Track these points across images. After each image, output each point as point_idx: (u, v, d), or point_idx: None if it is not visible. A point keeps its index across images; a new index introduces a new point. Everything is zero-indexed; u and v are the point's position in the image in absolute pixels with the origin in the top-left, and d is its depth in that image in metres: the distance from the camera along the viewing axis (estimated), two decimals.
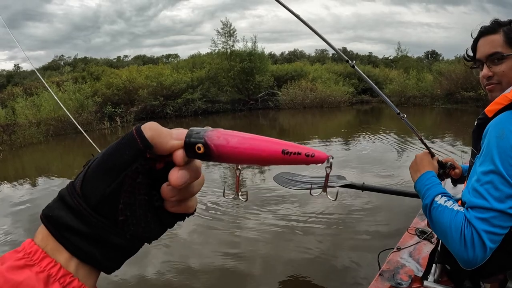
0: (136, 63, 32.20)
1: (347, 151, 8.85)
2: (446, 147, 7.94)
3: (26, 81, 26.67)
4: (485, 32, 1.07)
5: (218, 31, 22.13)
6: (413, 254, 2.02)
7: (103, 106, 18.52)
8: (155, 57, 44.42)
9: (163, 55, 46.46)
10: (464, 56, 1.20)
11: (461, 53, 1.25)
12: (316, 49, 47.22)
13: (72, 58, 39.73)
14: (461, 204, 0.98)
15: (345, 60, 1.47)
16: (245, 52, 21.85)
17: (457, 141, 8.72)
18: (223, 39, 22.09)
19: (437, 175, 1.17)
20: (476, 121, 1.05)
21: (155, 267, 3.32)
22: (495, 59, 1.03)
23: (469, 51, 1.16)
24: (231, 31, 22.11)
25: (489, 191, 0.86)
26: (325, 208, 4.47)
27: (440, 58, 35.98)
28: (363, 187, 1.64)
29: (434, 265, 1.37)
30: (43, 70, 34.94)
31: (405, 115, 1.52)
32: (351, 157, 7.82)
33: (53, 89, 17.56)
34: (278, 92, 22.05)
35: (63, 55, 42.54)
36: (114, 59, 43.91)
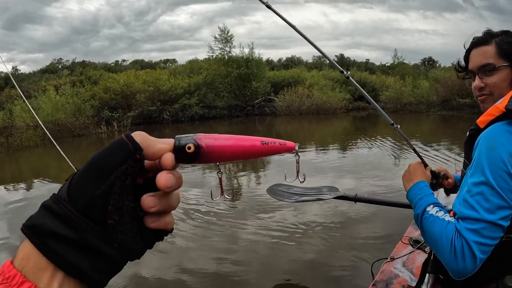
0: (134, 68, 32.18)
1: (343, 158, 8.89)
2: (442, 154, 7.99)
3: (24, 83, 26.58)
4: (477, 43, 1.07)
5: (216, 37, 22.33)
6: (406, 264, 2.03)
7: (100, 110, 18.51)
8: (153, 61, 44.50)
9: (161, 60, 46.56)
10: (456, 67, 1.21)
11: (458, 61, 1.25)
12: (314, 56, 47.52)
13: (71, 61, 39.71)
14: (453, 215, 0.98)
15: (340, 71, 1.49)
16: (242, 58, 21.99)
17: (452, 148, 8.78)
18: (220, 45, 22.30)
19: (430, 185, 1.18)
20: (468, 132, 1.05)
21: (150, 272, 3.31)
22: (486, 70, 1.04)
23: (461, 62, 1.17)
24: (229, 37, 22.30)
25: (479, 202, 0.87)
26: (319, 216, 4.48)
27: (437, 65, 36.28)
28: (356, 199, 1.65)
29: (428, 274, 1.37)
30: (41, 73, 34.86)
31: (398, 126, 1.53)
32: (347, 164, 7.85)
33: (51, 92, 17.54)
34: (275, 98, 22.15)
35: (61, 58, 42.36)
36: (112, 63, 44.02)
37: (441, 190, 1.49)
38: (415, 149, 1.50)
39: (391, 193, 5.10)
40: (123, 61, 47.71)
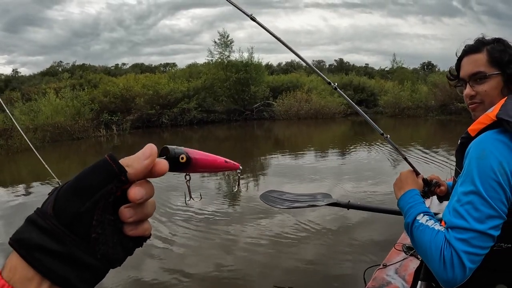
0: (134, 71, 32.22)
1: (341, 162, 8.90)
2: (440, 158, 8.02)
3: (24, 86, 26.60)
4: (468, 51, 1.07)
5: (215, 42, 22.42)
6: (399, 271, 2.04)
7: (99, 114, 18.52)
8: (152, 65, 44.59)
9: (160, 63, 46.67)
10: (447, 75, 1.22)
11: None
12: (313, 60, 47.72)
13: (71, 64, 39.78)
14: (444, 224, 0.99)
15: (328, 82, 1.48)
16: (242, 63, 22.06)
17: (451, 153, 8.82)
18: (219, 49, 22.37)
19: (422, 192, 1.18)
20: (460, 140, 1.05)
21: (149, 276, 3.33)
22: (477, 78, 1.03)
23: (453, 70, 1.17)
24: (228, 42, 22.40)
25: (469, 212, 0.86)
26: (314, 222, 4.49)
27: (436, 69, 36.39)
28: (349, 206, 1.66)
29: (420, 282, 1.37)
30: (41, 75, 34.89)
31: (388, 135, 1.53)
32: (345, 169, 7.88)
33: (51, 95, 17.57)
34: (273, 102, 22.19)
35: (61, 61, 42.63)
36: (112, 66, 44.05)
37: (434, 198, 1.50)
38: (406, 158, 1.51)
39: (388, 199, 5.12)
40: (123, 64, 47.82)
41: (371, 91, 26.46)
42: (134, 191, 0.34)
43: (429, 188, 1.32)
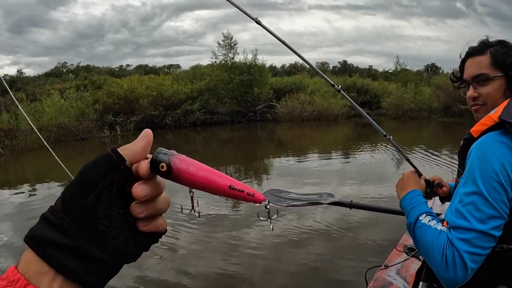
0: (138, 73, 32.34)
1: (344, 164, 8.91)
2: (442, 160, 8.00)
3: (29, 86, 26.77)
4: (472, 53, 1.07)
5: (219, 43, 22.51)
6: (400, 272, 2.05)
7: (103, 115, 18.63)
8: (157, 67, 44.67)
9: (164, 65, 46.78)
10: (451, 77, 1.23)
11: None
12: (317, 62, 47.70)
13: (75, 65, 40.01)
14: (446, 224, 0.99)
15: (331, 84, 1.50)
16: (245, 65, 22.11)
17: (453, 154, 8.80)
18: (223, 51, 22.46)
19: (424, 193, 1.19)
20: (462, 141, 1.06)
21: (153, 275, 3.36)
22: (480, 80, 1.03)
23: (456, 71, 1.18)
24: (232, 44, 22.48)
25: (471, 212, 0.87)
26: (316, 223, 4.51)
27: (440, 71, 36.20)
28: (351, 205, 1.66)
29: (421, 283, 1.38)
30: (45, 76, 35.13)
31: (391, 136, 1.55)
32: (348, 171, 7.88)
33: (55, 96, 17.72)
34: (276, 104, 22.21)
35: (66, 62, 42.79)
36: (117, 68, 44.20)
37: (436, 199, 1.50)
38: (408, 159, 1.52)
39: (391, 200, 5.12)
40: (127, 65, 48.00)
41: (374, 93, 26.38)
42: (137, 189, 0.35)
43: (431, 189, 1.33)
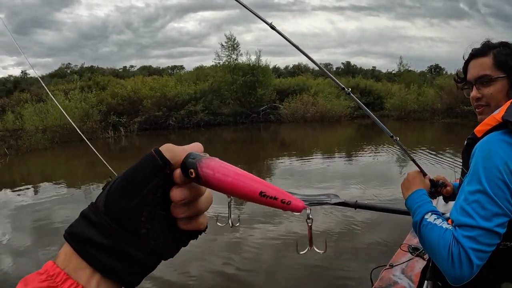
0: (142, 74, 32.45)
1: (348, 165, 8.91)
2: (446, 161, 7.99)
3: (33, 87, 26.92)
4: (475, 54, 1.09)
5: (222, 45, 22.59)
6: (405, 271, 2.08)
7: (107, 116, 18.72)
8: (160, 68, 44.81)
9: (168, 66, 46.95)
10: (455, 78, 1.25)
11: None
12: (320, 63, 47.30)
13: (79, 66, 40.21)
14: (451, 223, 1.00)
15: (341, 88, 1.53)
16: (249, 66, 22.16)
17: (457, 155, 8.78)
18: (226, 52, 22.52)
19: (429, 193, 1.21)
20: (466, 141, 1.08)
21: (154, 276, 3.36)
22: (484, 81, 1.06)
23: (460, 73, 1.20)
24: (235, 45, 22.55)
25: (475, 210, 0.88)
26: (322, 223, 4.52)
27: (444, 72, 36.08)
28: (356, 205, 1.68)
29: (426, 282, 1.40)
30: (49, 77, 35.33)
31: (397, 138, 1.57)
32: (352, 172, 7.88)
33: (60, 97, 17.84)
34: (280, 105, 22.24)
35: (70, 63, 42.96)
36: (120, 69, 44.34)
37: (440, 198, 1.53)
38: (414, 160, 1.54)
39: (396, 200, 5.14)
40: (131, 67, 48.17)
41: (377, 94, 26.35)
42: (175, 193, 0.34)
43: (436, 188, 1.35)
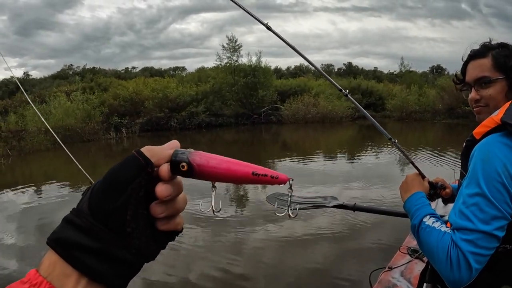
0: (144, 75, 32.55)
1: (349, 166, 8.89)
2: (447, 161, 7.97)
3: (35, 89, 27.04)
4: (474, 56, 1.09)
5: (224, 46, 22.64)
6: (404, 274, 2.07)
7: (109, 117, 18.78)
8: (162, 69, 44.91)
9: (170, 67, 47.05)
10: (453, 79, 1.25)
11: None
12: (322, 64, 47.61)
13: (81, 68, 40.37)
14: (450, 226, 1.00)
15: (339, 89, 1.53)
16: (250, 67, 22.19)
17: (458, 156, 8.75)
18: (228, 54, 22.58)
19: (428, 195, 1.21)
20: (465, 143, 1.08)
21: (157, 278, 3.39)
22: (482, 83, 1.05)
23: (459, 74, 1.20)
24: (236, 47, 22.59)
25: (474, 213, 0.87)
26: (320, 225, 4.52)
27: (446, 72, 35.96)
28: (355, 208, 1.69)
29: (425, 284, 1.39)
30: (52, 78, 35.49)
31: (396, 140, 1.57)
32: (353, 173, 7.87)
33: (62, 98, 17.92)
34: (281, 106, 22.25)
35: (72, 64, 43.14)
36: (122, 70, 44.55)
37: (439, 200, 1.52)
38: (412, 162, 1.54)
39: (397, 202, 5.12)
40: (133, 68, 48.41)
41: (379, 95, 26.32)
42: (161, 189, 0.35)
43: (435, 190, 1.33)
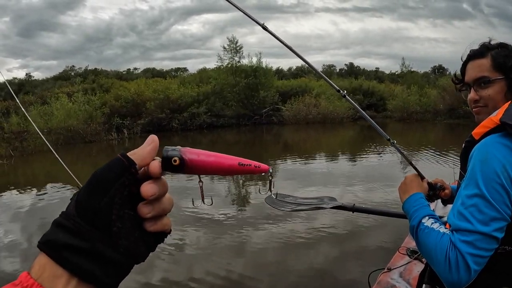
0: (145, 76, 32.62)
1: (351, 167, 8.89)
2: (447, 161, 7.97)
3: (37, 90, 27.14)
4: (473, 56, 1.08)
5: (224, 48, 22.69)
6: (403, 275, 2.07)
7: (111, 118, 18.82)
8: (164, 70, 44.97)
9: (172, 68, 47.16)
10: (453, 79, 1.24)
11: None
12: (324, 65, 47.64)
13: (83, 69, 40.51)
14: (449, 227, 0.99)
15: (337, 90, 1.53)
16: (251, 68, 22.23)
17: (458, 156, 8.74)
18: (229, 55, 22.62)
19: (427, 196, 1.21)
20: (464, 144, 1.08)
21: (158, 278, 3.40)
22: (481, 83, 1.05)
23: (458, 74, 1.19)
24: (237, 48, 22.63)
25: (473, 214, 0.87)
26: (320, 226, 4.52)
27: (447, 73, 35.85)
28: (354, 209, 1.69)
29: (424, 285, 1.39)
30: (54, 79, 35.61)
31: (395, 141, 1.57)
32: (354, 174, 7.87)
33: (64, 99, 17.97)
34: (282, 107, 22.27)
35: (74, 65, 43.28)
36: (124, 71, 44.61)
37: (439, 201, 1.52)
38: (411, 162, 1.54)
39: (399, 203, 5.12)
40: (135, 69, 48.50)
41: (380, 95, 26.30)
42: (146, 188, 0.36)
43: (434, 191, 1.34)
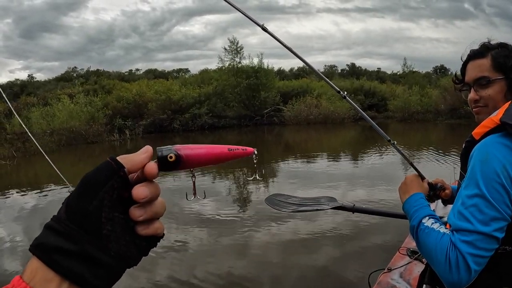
0: (147, 77, 32.68)
1: (352, 168, 8.89)
2: (448, 161, 7.95)
3: (40, 91, 27.23)
4: (473, 56, 1.08)
5: (225, 49, 22.77)
6: (403, 275, 2.07)
7: (113, 119, 18.89)
8: (166, 71, 45.06)
9: (173, 69, 47.22)
10: (453, 79, 1.24)
11: None
12: (325, 65, 47.60)
13: (85, 70, 40.65)
14: (449, 227, 1.00)
15: (337, 91, 1.53)
16: (252, 69, 22.28)
17: (459, 156, 8.72)
18: (230, 56, 22.70)
19: (427, 196, 1.21)
20: (464, 144, 1.08)
21: (159, 279, 3.42)
22: (482, 83, 1.05)
23: (458, 74, 1.19)
24: (238, 49, 22.69)
25: (473, 214, 0.87)
26: (320, 227, 4.53)
27: (449, 73, 35.75)
28: (354, 209, 1.69)
29: (424, 286, 1.39)
30: (56, 81, 35.75)
31: (395, 141, 1.57)
32: (356, 174, 7.86)
33: (65, 100, 18.05)
34: (283, 108, 22.29)
35: (76, 67, 43.52)
36: (126, 72, 44.70)
37: (439, 201, 1.53)
38: (411, 163, 1.54)
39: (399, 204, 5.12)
40: (137, 70, 48.59)
41: (381, 95, 26.28)
42: (138, 190, 0.36)
43: (434, 191, 1.34)
